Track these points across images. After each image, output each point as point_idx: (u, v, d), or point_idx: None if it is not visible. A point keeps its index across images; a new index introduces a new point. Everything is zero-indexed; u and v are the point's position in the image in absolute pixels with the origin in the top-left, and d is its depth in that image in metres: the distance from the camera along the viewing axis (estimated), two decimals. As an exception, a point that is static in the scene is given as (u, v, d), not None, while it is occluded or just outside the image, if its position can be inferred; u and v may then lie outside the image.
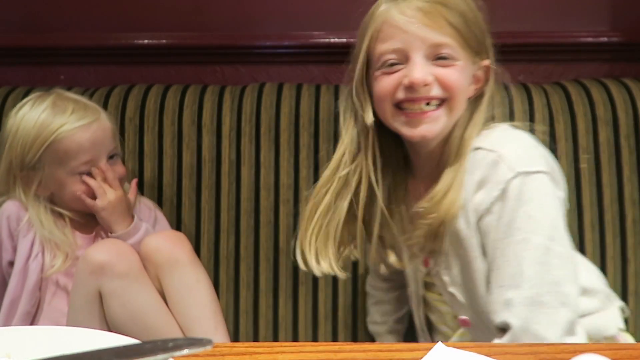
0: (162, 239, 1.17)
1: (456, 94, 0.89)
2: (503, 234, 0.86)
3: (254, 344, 0.83)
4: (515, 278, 0.85)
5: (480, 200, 0.88)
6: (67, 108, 1.19)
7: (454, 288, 0.95)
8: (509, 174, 0.86)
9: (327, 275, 1.34)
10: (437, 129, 0.90)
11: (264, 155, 1.36)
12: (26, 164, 1.18)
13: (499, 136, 0.91)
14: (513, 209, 0.86)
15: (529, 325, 0.84)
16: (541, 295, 0.84)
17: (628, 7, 1.54)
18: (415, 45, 0.87)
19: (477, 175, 0.88)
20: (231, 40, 1.57)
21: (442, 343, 0.68)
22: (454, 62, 0.88)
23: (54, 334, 0.62)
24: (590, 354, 0.57)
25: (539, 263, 0.85)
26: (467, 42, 0.89)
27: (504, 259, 0.86)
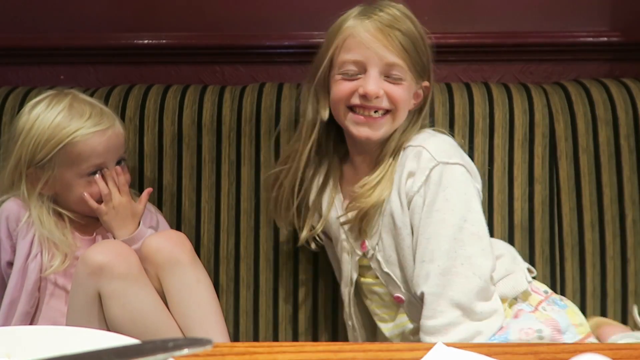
0: (163, 239, 1.17)
1: (400, 108, 1.05)
2: (425, 214, 1.01)
3: (254, 344, 0.83)
4: (433, 253, 1.00)
5: (410, 185, 1.03)
6: (85, 112, 1.19)
7: (389, 267, 1.07)
8: (432, 162, 1.02)
9: (327, 275, 1.35)
10: (380, 134, 1.06)
11: (264, 155, 1.36)
12: (35, 162, 1.18)
13: (424, 136, 1.08)
14: (434, 193, 1.01)
15: (444, 292, 0.98)
16: (455, 267, 0.98)
17: (628, 7, 1.54)
18: (373, 61, 1.03)
19: (408, 167, 1.04)
20: (231, 40, 1.57)
21: (442, 343, 0.69)
22: (401, 81, 1.04)
23: (54, 334, 0.63)
24: (590, 354, 0.57)
25: (453, 239, 0.99)
26: (414, 66, 1.05)
27: (425, 236, 1.01)
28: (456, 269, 0.99)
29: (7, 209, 1.21)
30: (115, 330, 1.07)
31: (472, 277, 0.99)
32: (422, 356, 0.66)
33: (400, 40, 1.02)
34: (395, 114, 1.05)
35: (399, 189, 1.05)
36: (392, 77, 1.04)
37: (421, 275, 1.01)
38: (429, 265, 1.00)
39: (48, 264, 1.18)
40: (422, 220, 1.02)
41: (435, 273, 0.99)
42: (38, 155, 1.18)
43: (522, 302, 1.09)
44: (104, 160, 1.20)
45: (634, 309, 1.19)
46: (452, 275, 0.99)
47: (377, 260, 1.09)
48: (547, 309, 1.08)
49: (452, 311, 0.98)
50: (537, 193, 1.32)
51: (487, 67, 1.55)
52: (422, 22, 1.54)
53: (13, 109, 1.40)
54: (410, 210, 1.04)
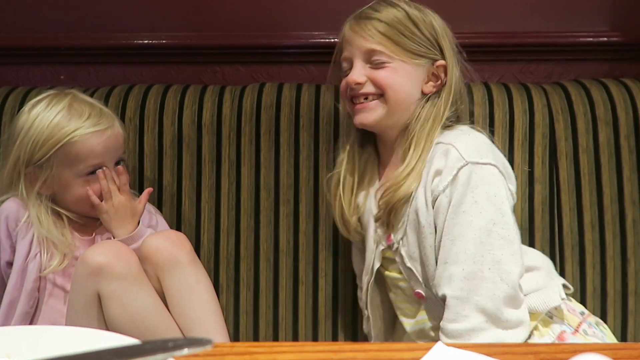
0: (163, 239, 1.17)
1: (388, 89, 1.07)
2: (451, 214, 0.99)
3: (254, 344, 0.83)
4: (458, 255, 0.97)
5: (436, 184, 1.02)
6: (84, 112, 1.20)
7: (411, 263, 1.07)
8: (460, 162, 1.00)
9: (327, 275, 1.35)
10: (373, 117, 1.08)
11: (264, 155, 1.36)
12: (34, 161, 1.18)
13: (456, 133, 1.07)
14: (461, 194, 0.99)
15: (469, 296, 0.96)
16: (482, 271, 0.96)
17: (628, 7, 1.54)
18: (355, 53, 1.09)
19: (435, 164, 1.03)
20: (231, 40, 1.57)
21: (442, 343, 0.68)
22: (385, 64, 1.07)
23: (54, 334, 0.63)
24: (590, 354, 0.57)
25: (480, 243, 0.97)
26: (403, 47, 1.06)
27: (450, 237, 0.99)
28: (482, 273, 0.96)
29: (6, 208, 1.21)
30: (115, 330, 1.07)
31: (499, 282, 0.96)
32: (422, 356, 0.66)
33: (377, 27, 1.06)
34: (387, 96, 1.07)
35: (426, 186, 1.03)
36: (374, 63, 1.07)
37: (444, 277, 0.99)
38: (453, 267, 0.98)
39: (47, 263, 1.18)
40: (447, 220, 0.99)
41: (459, 276, 0.97)
42: (37, 154, 1.18)
43: (560, 323, 1.05)
44: (102, 161, 1.20)
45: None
46: (478, 280, 0.96)
47: (401, 255, 1.08)
48: (589, 332, 1.05)
49: (477, 316, 0.95)
50: (537, 193, 1.32)
51: (487, 67, 1.55)
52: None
53: (13, 109, 1.40)
54: (435, 209, 1.02)
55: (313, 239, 1.35)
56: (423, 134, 1.06)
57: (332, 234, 1.35)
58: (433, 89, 1.09)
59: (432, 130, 1.06)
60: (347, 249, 1.35)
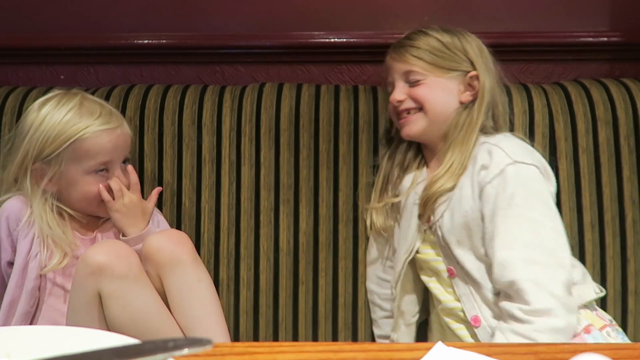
0: (165, 238, 1.17)
1: (425, 102, 1.20)
2: (505, 205, 1.09)
3: (254, 344, 0.83)
4: (516, 242, 1.07)
5: (483, 176, 1.12)
6: (95, 111, 1.21)
7: (447, 241, 1.16)
8: (507, 159, 1.11)
9: (327, 275, 1.35)
10: (416, 128, 1.21)
11: (264, 155, 1.36)
12: (42, 157, 1.19)
13: (500, 137, 1.19)
14: (513, 188, 1.09)
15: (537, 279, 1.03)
16: (539, 257, 1.05)
17: (628, 7, 1.54)
18: (395, 76, 1.24)
19: (481, 160, 1.14)
20: (231, 40, 1.57)
21: (442, 343, 0.69)
22: (422, 81, 1.20)
23: (54, 334, 0.63)
24: (590, 354, 0.57)
25: (534, 233, 1.07)
26: (435, 64, 1.20)
27: (505, 227, 1.08)
28: (539, 258, 1.05)
29: (8, 208, 1.22)
30: (116, 330, 1.07)
31: (558, 268, 1.05)
32: (422, 356, 0.66)
33: (411, 52, 1.21)
34: (425, 109, 1.20)
35: (472, 178, 1.14)
36: (411, 82, 1.21)
37: (500, 264, 1.07)
38: (511, 252, 1.06)
39: (47, 262, 1.18)
40: (500, 210, 1.09)
41: (518, 260, 1.05)
42: (46, 150, 1.18)
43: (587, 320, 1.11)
44: (110, 159, 1.21)
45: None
46: (538, 265, 1.05)
47: (438, 234, 1.17)
48: (612, 335, 1.11)
49: (549, 300, 1.02)
50: (537, 193, 1.32)
51: (487, 67, 1.55)
52: (422, 22, 1.55)
53: (13, 109, 1.40)
54: (483, 198, 1.12)
55: (313, 239, 1.35)
56: (460, 138, 1.18)
57: (332, 234, 1.35)
58: (470, 98, 1.21)
59: (468, 134, 1.18)
60: (347, 249, 1.35)
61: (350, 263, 1.35)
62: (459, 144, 1.18)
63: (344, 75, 1.58)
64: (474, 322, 1.12)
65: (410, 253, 1.21)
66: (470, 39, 1.23)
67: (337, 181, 1.36)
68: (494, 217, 1.10)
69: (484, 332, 1.10)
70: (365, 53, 1.56)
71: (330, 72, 1.57)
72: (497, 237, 1.09)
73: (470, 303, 1.13)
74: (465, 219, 1.13)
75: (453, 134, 1.19)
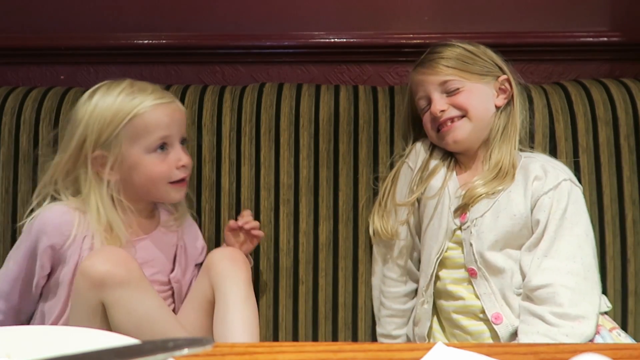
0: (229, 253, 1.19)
1: (469, 107, 1.22)
2: (558, 216, 1.14)
3: (254, 344, 0.83)
4: (560, 253, 1.12)
5: (538, 187, 1.17)
6: (147, 88, 1.19)
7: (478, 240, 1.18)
8: (562, 175, 1.18)
9: (327, 275, 1.35)
10: (462, 134, 1.23)
11: (264, 155, 1.36)
12: (102, 142, 1.15)
13: (546, 158, 1.25)
14: (566, 202, 1.16)
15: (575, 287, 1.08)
16: (579, 270, 1.10)
17: (628, 7, 1.54)
18: (430, 89, 1.25)
19: (534, 172, 1.19)
20: (231, 40, 1.57)
21: (442, 343, 0.69)
22: (460, 89, 1.23)
23: (54, 334, 0.63)
24: (590, 354, 0.57)
25: (578, 247, 1.13)
26: (469, 71, 1.24)
27: (553, 236, 1.13)
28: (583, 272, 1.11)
29: (47, 221, 1.14)
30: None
31: (595, 284, 1.12)
32: (422, 356, 0.66)
33: (443, 63, 1.24)
34: (469, 115, 1.22)
35: (526, 187, 1.18)
36: (450, 91, 1.23)
37: (542, 268, 1.11)
38: (554, 261, 1.11)
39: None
40: (552, 221, 1.14)
41: (565, 271, 1.10)
42: (105, 133, 1.15)
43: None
44: (169, 133, 1.18)
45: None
46: (582, 279, 1.10)
47: (470, 232, 1.19)
48: (622, 335, 1.15)
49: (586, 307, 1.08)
50: (537, 193, 1.32)
51: (487, 67, 1.55)
52: (422, 22, 1.55)
53: (13, 109, 1.40)
54: (537, 206, 1.16)
55: (313, 239, 1.35)
56: (504, 141, 1.23)
57: (332, 234, 1.35)
58: (504, 101, 1.25)
59: (511, 136, 1.23)
60: (347, 249, 1.35)
61: (350, 263, 1.35)
62: (504, 144, 1.22)
63: (344, 75, 1.58)
64: (495, 319, 1.14)
65: (441, 253, 1.22)
66: (488, 50, 1.28)
67: (337, 181, 1.36)
68: (548, 225, 1.14)
69: (505, 329, 1.13)
70: (365, 53, 1.56)
71: (330, 72, 1.57)
72: (542, 244, 1.13)
73: (491, 302, 1.15)
74: (512, 222, 1.16)
75: (495, 137, 1.23)
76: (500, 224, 1.17)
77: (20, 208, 1.36)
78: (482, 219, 1.19)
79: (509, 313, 1.14)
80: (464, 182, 1.25)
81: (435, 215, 1.25)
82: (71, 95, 1.42)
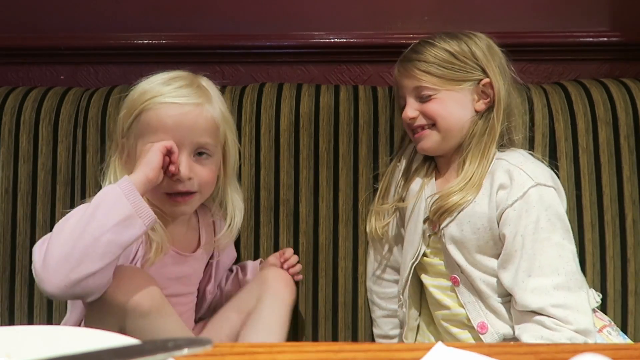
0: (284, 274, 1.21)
1: (438, 118, 1.17)
2: (531, 230, 1.08)
3: (254, 344, 0.83)
4: (543, 269, 1.06)
5: (502, 197, 1.11)
6: (177, 83, 1.08)
7: (452, 248, 1.15)
8: (530, 182, 1.09)
9: (327, 275, 1.35)
10: (430, 143, 1.19)
11: (263, 155, 1.36)
12: (123, 132, 1.09)
13: (520, 156, 1.16)
14: (537, 212, 1.08)
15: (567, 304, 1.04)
16: (567, 282, 1.06)
17: (628, 7, 1.54)
18: (405, 92, 1.21)
19: (498, 179, 1.12)
20: (231, 40, 1.57)
21: (442, 343, 0.69)
22: (433, 96, 1.17)
23: (54, 334, 0.63)
24: (590, 354, 0.57)
25: (559, 257, 1.07)
26: (445, 78, 1.16)
27: (532, 252, 1.07)
28: (568, 284, 1.06)
29: None
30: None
31: (580, 291, 1.07)
32: (422, 356, 0.66)
33: (418, 67, 1.17)
34: (438, 125, 1.17)
35: (490, 196, 1.12)
36: (422, 97, 1.18)
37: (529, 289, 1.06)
38: (540, 280, 1.06)
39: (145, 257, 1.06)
40: (526, 236, 1.08)
41: (550, 288, 1.05)
42: (125, 123, 1.08)
43: None
44: (171, 139, 1.03)
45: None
46: (567, 291, 1.06)
47: (443, 241, 1.17)
48: (613, 334, 1.13)
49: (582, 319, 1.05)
50: (537, 193, 1.32)
51: (487, 67, 1.55)
52: (422, 22, 1.54)
53: (13, 109, 1.40)
54: (502, 220, 1.11)
55: (313, 239, 1.35)
56: (479, 149, 1.16)
57: (332, 234, 1.35)
58: (485, 106, 1.18)
59: (487, 144, 1.16)
60: (347, 249, 1.35)
61: (350, 263, 1.35)
62: (477, 155, 1.15)
63: (344, 75, 1.58)
64: (481, 329, 1.12)
65: (417, 258, 1.20)
66: (479, 41, 1.19)
67: (337, 181, 1.36)
68: (516, 241, 1.09)
69: (491, 338, 1.11)
70: (365, 53, 1.56)
71: (330, 72, 1.57)
72: (523, 263, 1.08)
73: (476, 311, 1.14)
74: (477, 236, 1.13)
75: (470, 144, 1.16)
76: (466, 237, 1.14)
77: (20, 208, 1.36)
78: (447, 228, 1.15)
79: (494, 321, 1.12)
80: (441, 188, 1.21)
81: (412, 219, 1.24)
82: (71, 95, 1.42)
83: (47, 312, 1.35)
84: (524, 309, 1.07)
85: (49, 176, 1.37)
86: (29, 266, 1.34)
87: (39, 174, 1.37)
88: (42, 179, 1.37)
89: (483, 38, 1.20)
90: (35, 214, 1.36)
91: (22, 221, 1.36)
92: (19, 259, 1.36)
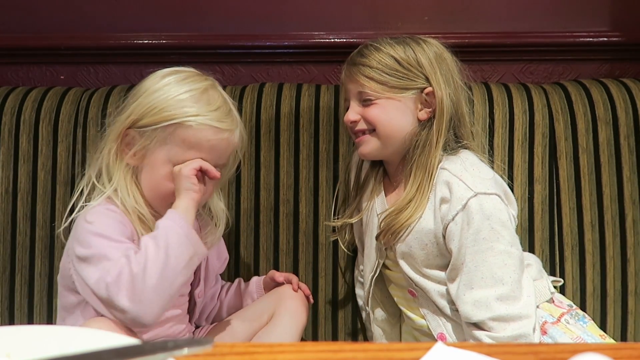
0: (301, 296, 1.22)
1: (377, 124, 1.14)
2: (471, 242, 1.07)
3: (254, 344, 0.83)
4: (485, 280, 1.06)
5: (445, 212, 1.10)
6: (215, 103, 1.09)
7: (404, 264, 1.16)
8: (469, 192, 1.08)
9: (327, 275, 1.35)
10: (369, 149, 1.16)
11: (264, 155, 1.36)
12: (139, 125, 1.08)
13: (460, 165, 1.12)
14: (479, 222, 1.06)
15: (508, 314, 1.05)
16: (512, 291, 1.06)
17: (628, 7, 1.54)
18: (349, 95, 1.18)
19: (440, 192, 1.11)
20: (231, 40, 1.57)
21: (441, 343, 0.68)
22: (374, 102, 1.14)
23: (54, 334, 0.63)
24: (590, 353, 0.57)
25: (502, 266, 1.06)
26: (386, 84, 1.13)
27: (474, 264, 1.07)
28: (512, 293, 1.06)
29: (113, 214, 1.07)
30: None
31: (524, 297, 1.06)
32: (422, 356, 0.66)
33: (362, 72, 1.14)
34: (378, 131, 1.15)
35: (435, 210, 1.11)
36: (364, 102, 1.15)
37: (471, 302, 1.06)
38: (482, 291, 1.06)
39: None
40: (467, 248, 1.07)
41: (493, 299, 1.05)
42: (146, 119, 1.07)
43: (544, 312, 1.13)
44: (199, 157, 1.07)
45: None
46: (511, 300, 1.05)
47: (394, 254, 1.16)
48: (571, 322, 1.13)
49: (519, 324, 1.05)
50: (537, 193, 1.32)
51: (487, 67, 1.55)
52: (422, 22, 1.54)
53: (13, 109, 1.40)
54: (447, 236, 1.10)
55: (313, 239, 1.35)
56: (422, 160, 1.13)
57: (332, 234, 1.35)
58: (428, 115, 1.14)
59: (430, 155, 1.12)
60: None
61: (350, 263, 1.35)
62: (420, 167, 1.13)
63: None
64: (441, 339, 1.12)
65: (375, 271, 1.21)
66: (427, 48, 1.15)
67: (337, 181, 1.36)
68: (460, 253, 1.08)
69: None
70: (365, 53, 1.56)
71: (330, 72, 1.57)
72: (464, 275, 1.07)
73: (435, 321, 1.15)
74: (425, 252, 1.12)
75: (414, 154, 1.14)
76: (415, 253, 1.13)
77: (20, 208, 1.36)
78: (397, 245, 1.15)
79: (453, 331, 1.13)
80: (390, 202, 1.19)
81: (367, 233, 1.23)
82: (71, 95, 1.42)
83: (47, 312, 1.35)
84: (466, 321, 1.08)
85: (49, 176, 1.37)
86: (29, 266, 1.35)
87: (39, 174, 1.37)
88: (42, 179, 1.37)
89: (433, 44, 1.16)
90: (35, 214, 1.36)
91: (22, 221, 1.36)
92: (19, 259, 1.36)
